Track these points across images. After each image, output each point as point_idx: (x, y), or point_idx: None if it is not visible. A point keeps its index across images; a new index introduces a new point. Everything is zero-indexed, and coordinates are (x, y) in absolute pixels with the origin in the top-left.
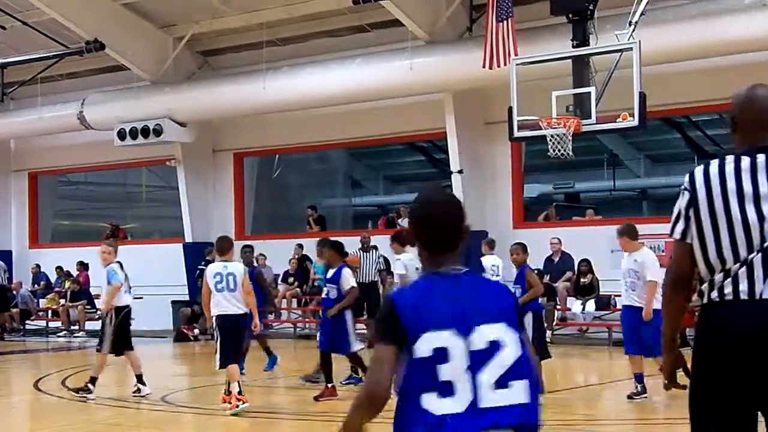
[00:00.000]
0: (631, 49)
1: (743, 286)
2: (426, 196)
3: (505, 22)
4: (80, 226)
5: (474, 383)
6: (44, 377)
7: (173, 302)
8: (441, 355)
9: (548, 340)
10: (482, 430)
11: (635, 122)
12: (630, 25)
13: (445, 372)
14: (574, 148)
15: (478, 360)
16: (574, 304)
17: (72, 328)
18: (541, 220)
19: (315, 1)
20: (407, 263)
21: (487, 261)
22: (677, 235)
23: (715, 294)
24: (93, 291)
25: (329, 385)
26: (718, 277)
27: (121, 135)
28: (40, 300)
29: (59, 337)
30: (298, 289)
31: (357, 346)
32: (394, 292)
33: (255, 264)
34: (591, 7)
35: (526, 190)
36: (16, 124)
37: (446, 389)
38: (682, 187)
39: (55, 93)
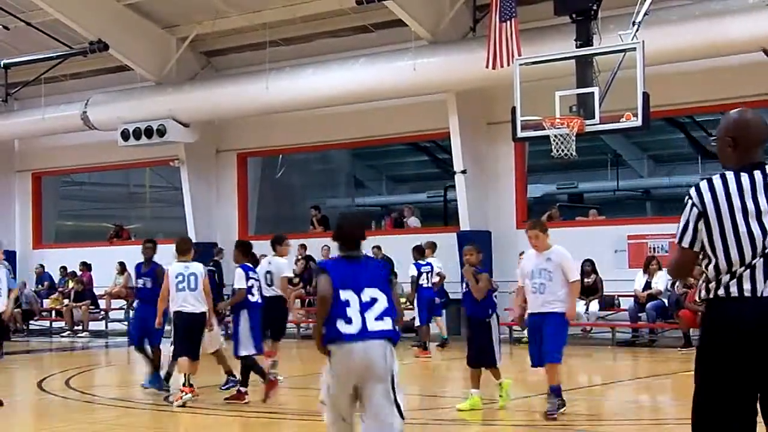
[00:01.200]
0: (634, 49)
1: (747, 286)
2: (340, 219)
3: (508, 22)
4: (84, 227)
5: (363, 318)
6: (48, 377)
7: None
8: (347, 303)
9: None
10: (365, 338)
11: (639, 122)
12: (633, 25)
13: (348, 312)
14: (577, 148)
15: (365, 306)
16: (578, 305)
17: (76, 328)
18: (544, 220)
19: (318, 1)
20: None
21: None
22: (685, 244)
23: (722, 291)
24: (96, 291)
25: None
26: (725, 277)
27: (125, 135)
28: (44, 300)
29: (63, 337)
30: (302, 290)
31: (246, 350)
32: (326, 263)
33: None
34: (595, 8)
35: (530, 190)
36: (19, 125)
37: (349, 321)
38: (690, 201)
39: (59, 93)
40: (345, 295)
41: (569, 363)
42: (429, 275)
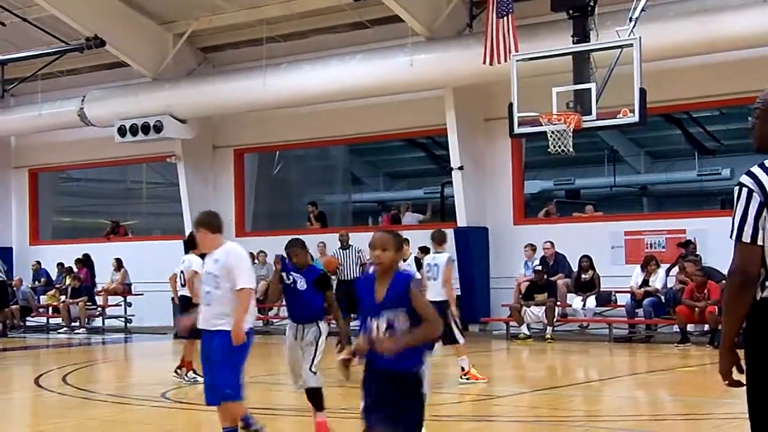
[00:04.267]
0: (631, 45)
1: None
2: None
3: (505, 18)
4: (80, 223)
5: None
6: (45, 374)
7: (173, 299)
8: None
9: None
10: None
11: (635, 118)
12: (630, 21)
13: None
14: (574, 144)
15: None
16: (575, 300)
17: (73, 324)
18: (542, 216)
19: None
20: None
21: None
22: (747, 238)
23: None
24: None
25: None
26: None
27: (122, 131)
28: (41, 297)
29: (60, 333)
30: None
31: None
32: None
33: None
34: (591, 3)
35: (527, 186)
36: (16, 121)
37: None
38: (745, 189)
39: (56, 89)
40: None
41: (567, 359)
42: None
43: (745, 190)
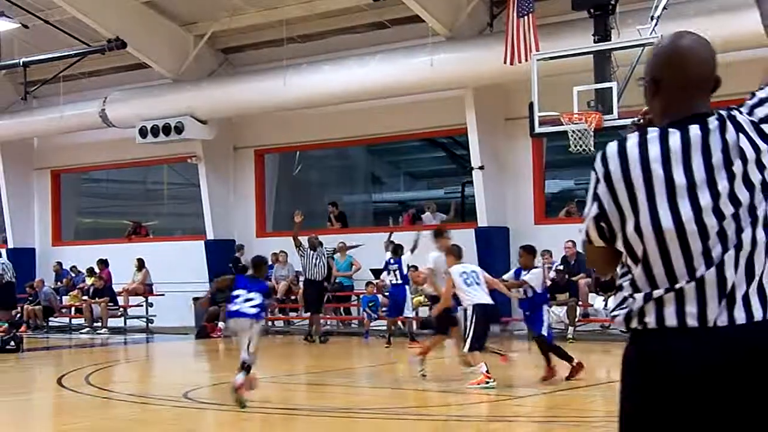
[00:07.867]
0: (653, 43)
1: (691, 309)
2: (256, 258)
3: (526, 17)
4: (102, 224)
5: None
6: (67, 374)
7: (195, 299)
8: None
9: None
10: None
11: None
12: (652, 19)
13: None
14: (595, 143)
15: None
16: (596, 300)
17: (95, 324)
18: (563, 216)
19: None
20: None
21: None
22: (583, 236)
23: (651, 320)
24: (115, 288)
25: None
26: (655, 293)
27: (143, 133)
28: (63, 297)
29: (82, 333)
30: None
31: None
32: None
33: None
34: (613, 2)
35: (547, 186)
36: (38, 123)
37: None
38: (594, 174)
39: (77, 91)
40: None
41: (589, 359)
42: (396, 272)
43: (593, 177)
